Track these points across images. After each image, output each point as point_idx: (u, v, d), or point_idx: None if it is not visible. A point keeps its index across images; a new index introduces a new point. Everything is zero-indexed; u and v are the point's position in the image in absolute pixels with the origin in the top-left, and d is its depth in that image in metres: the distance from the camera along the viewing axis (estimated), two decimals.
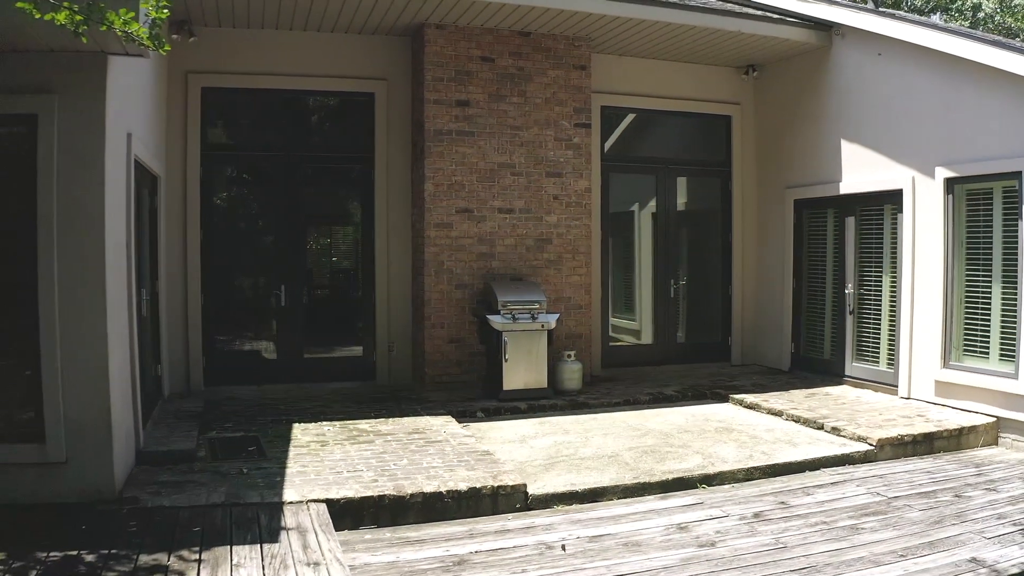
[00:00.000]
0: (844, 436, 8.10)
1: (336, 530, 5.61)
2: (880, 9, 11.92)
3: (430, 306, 10.08)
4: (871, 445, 7.77)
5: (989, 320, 8.65)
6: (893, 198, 9.76)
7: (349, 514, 5.98)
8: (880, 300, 10.11)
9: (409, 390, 10.22)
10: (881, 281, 10.09)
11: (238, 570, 4.80)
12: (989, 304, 8.65)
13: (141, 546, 5.19)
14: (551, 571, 5.14)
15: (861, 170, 10.26)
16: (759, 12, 10.70)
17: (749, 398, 9.67)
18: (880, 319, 10.11)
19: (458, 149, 10.14)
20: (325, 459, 7.06)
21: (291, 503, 5.95)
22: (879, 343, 10.12)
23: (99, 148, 6.05)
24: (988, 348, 8.66)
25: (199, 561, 4.94)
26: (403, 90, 10.61)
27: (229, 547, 5.17)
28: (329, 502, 5.97)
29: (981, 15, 25.84)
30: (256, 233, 10.89)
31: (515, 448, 7.79)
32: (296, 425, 8.26)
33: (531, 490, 6.48)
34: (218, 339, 10.30)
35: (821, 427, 8.44)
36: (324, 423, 8.37)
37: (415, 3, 9.28)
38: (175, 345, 9.71)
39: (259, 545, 5.19)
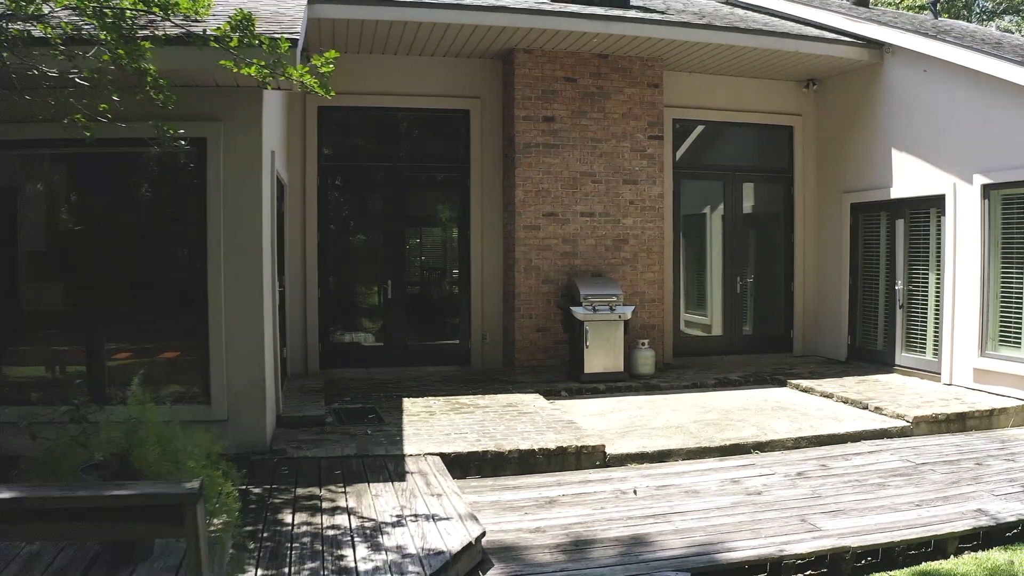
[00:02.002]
0: (885, 414, 9.08)
1: None
2: (938, 19, 12.72)
3: (520, 299, 11.30)
4: (908, 422, 8.74)
5: (1021, 313, 9.50)
6: (937, 202, 10.61)
7: (458, 466, 7.23)
8: (927, 295, 10.96)
9: (500, 373, 11.46)
10: (928, 278, 10.93)
11: (377, 499, 6.11)
12: (1021, 298, 9.50)
13: (295, 483, 6.56)
14: (625, 508, 6.36)
15: (910, 176, 11.08)
16: (815, 32, 11.65)
17: (805, 383, 10.65)
18: (927, 313, 10.96)
19: (545, 160, 11.34)
20: (434, 424, 8.37)
21: (411, 455, 7.27)
22: (925, 334, 10.98)
23: (256, 165, 7.47)
24: (1020, 338, 9.52)
25: (345, 492, 6.28)
26: (494, 107, 11.84)
27: (367, 484, 6.50)
28: (442, 455, 7.27)
29: None
30: (364, 235, 12.29)
31: (595, 419, 9.00)
32: (406, 399, 9.58)
33: (608, 451, 7.68)
34: (331, 327, 11.69)
35: (866, 407, 9.42)
36: (429, 398, 9.68)
37: (507, 32, 10.55)
38: (295, 331, 11.11)
39: (390, 483, 6.51)
